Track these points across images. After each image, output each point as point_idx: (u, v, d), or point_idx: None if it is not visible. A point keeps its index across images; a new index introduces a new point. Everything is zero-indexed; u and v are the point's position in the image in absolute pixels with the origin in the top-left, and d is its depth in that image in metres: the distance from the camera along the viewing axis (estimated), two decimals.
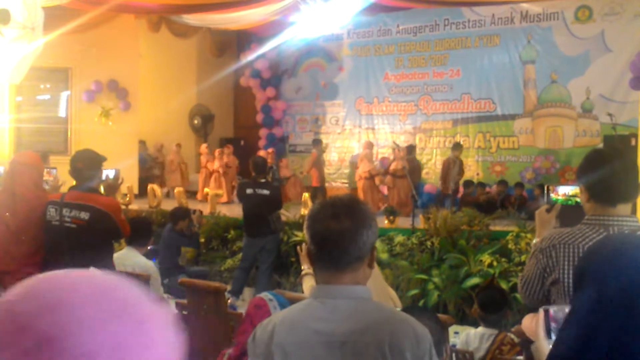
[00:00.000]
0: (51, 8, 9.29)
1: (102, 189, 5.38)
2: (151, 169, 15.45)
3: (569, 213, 3.11)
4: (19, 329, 0.72)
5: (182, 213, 8.79)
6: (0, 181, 5.68)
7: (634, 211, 2.60)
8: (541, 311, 1.84)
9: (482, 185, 13.22)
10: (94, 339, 0.73)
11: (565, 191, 3.24)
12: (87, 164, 4.71)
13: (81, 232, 4.53)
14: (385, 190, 13.30)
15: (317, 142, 14.63)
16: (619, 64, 12.58)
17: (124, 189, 10.76)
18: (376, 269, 4.32)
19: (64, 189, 5.25)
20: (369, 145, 14.26)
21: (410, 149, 13.51)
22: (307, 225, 1.94)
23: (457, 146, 13.25)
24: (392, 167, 12.86)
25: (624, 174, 2.38)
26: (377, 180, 13.20)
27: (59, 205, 4.61)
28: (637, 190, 2.42)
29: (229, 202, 13.81)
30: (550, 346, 1.53)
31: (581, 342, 1.23)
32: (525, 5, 13.62)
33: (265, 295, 3.05)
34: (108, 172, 4.94)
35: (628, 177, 2.38)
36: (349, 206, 1.92)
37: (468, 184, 13.16)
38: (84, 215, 4.53)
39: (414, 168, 12.99)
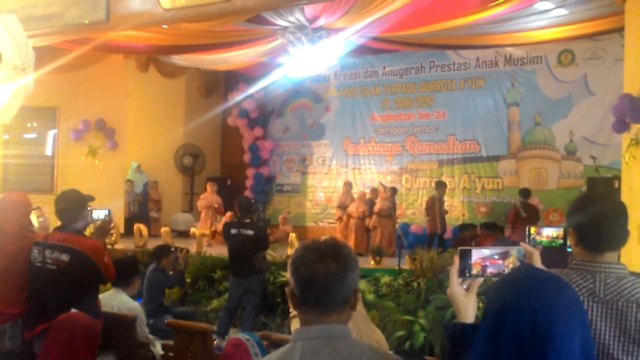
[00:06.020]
0: (40, 47, 9.34)
1: (91, 229, 5.30)
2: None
3: (551, 254, 3.13)
4: None
5: (164, 250, 8.74)
6: None
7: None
8: (458, 251, 1.95)
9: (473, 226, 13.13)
10: None
11: (548, 233, 3.27)
12: (70, 205, 4.66)
13: (61, 274, 4.46)
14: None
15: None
16: (602, 107, 12.75)
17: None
18: (362, 311, 4.32)
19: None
20: (350, 185, 14.32)
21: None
22: (292, 269, 1.94)
23: (440, 184, 13.32)
24: (376, 207, 12.87)
25: (614, 222, 2.36)
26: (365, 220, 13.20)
27: (42, 247, 4.57)
28: (626, 237, 2.39)
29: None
30: (461, 284, 2.15)
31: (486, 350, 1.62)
32: (509, 49, 13.88)
33: (242, 335, 3.09)
34: (99, 212, 4.86)
35: (618, 224, 2.36)
36: (334, 249, 1.94)
37: (466, 226, 13.11)
38: (65, 257, 4.48)
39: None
